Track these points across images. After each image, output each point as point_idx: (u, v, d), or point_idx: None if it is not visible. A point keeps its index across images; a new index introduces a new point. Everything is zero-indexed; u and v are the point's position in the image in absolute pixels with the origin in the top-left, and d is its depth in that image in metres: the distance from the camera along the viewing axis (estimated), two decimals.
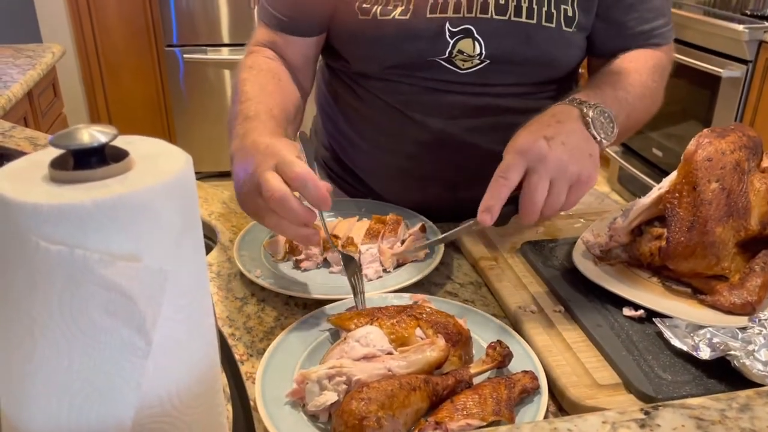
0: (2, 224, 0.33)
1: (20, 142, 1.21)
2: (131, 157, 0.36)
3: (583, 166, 0.70)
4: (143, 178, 0.35)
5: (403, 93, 0.91)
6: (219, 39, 3.11)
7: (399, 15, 0.85)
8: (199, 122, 3.25)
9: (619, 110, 0.78)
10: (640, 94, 0.85)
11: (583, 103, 0.75)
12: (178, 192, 0.36)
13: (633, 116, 0.84)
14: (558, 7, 0.85)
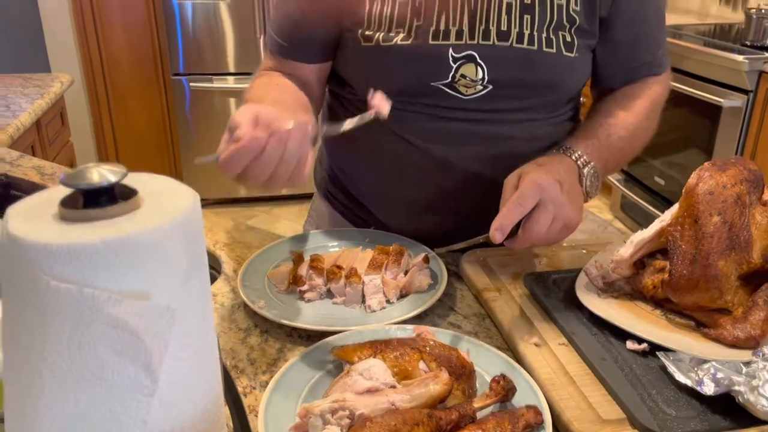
0: (14, 263, 0.33)
1: (28, 171, 1.22)
2: (140, 195, 0.37)
3: (575, 213, 0.80)
4: (152, 217, 0.35)
5: (407, 120, 0.92)
6: (225, 68, 3.15)
7: (401, 41, 0.87)
8: (205, 150, 3.28)
9: (608, 158, 0.89)
10: (631, 136, 0.92)
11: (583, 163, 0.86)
12: (186, 230, 0.36)
13: (623, 159, 0.94)
14: (557, 34, 0.87)
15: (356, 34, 0.88)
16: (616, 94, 0.95)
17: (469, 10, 0.86)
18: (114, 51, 3.19)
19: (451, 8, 0.86)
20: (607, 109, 0.93)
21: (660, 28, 0.95)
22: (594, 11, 0.88)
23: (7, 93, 1.76)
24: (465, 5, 0.86)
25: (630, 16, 0.90)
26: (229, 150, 0.66)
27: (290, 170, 0.67)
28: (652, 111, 0.94)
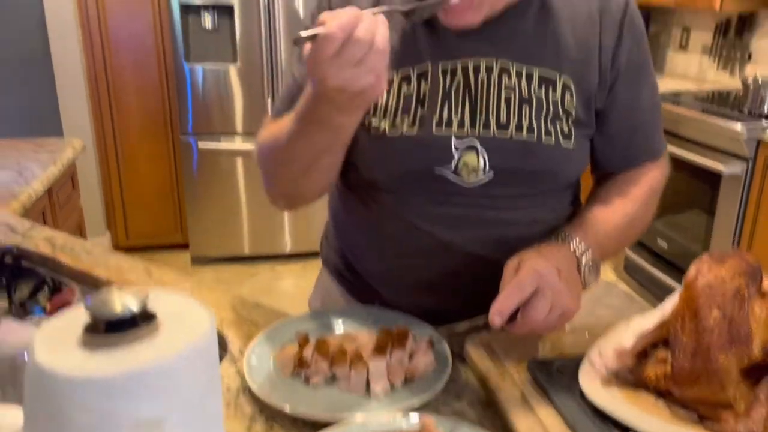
0: (37, 390, 0.35)
1: (39, 242, 1.24)
2: (159, 319, 0.39)
3: (572, 302, 0.82)
4: (170, 343, 0.37)
5: (412, 205, 0.95)
6: (233, 128, 3.22)
7: (406, 130, 0.90)
8: (210, 207, 3.32)
9: (608, 245, 0.92)
10: (629, 223, 0.95)
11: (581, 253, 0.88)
12: (203, 355, 0.38)
13: (622, 245, 0.97)
14: (555, 125, 0.90)
15: (363, 122, 0.92)
16: (615, 181, 0.98)
17: (470, 102, 0.89)
18: (126, 112, 3.27)
19: (453, 99, 0.89)
20: (605, 197, 0.96)
21: (655, 117, 0.99)
22: (590, 105, 0.91)
23: (20, 159, 1.80)
24: (466, 97, 0.89)
25: (625, 108, 0.94)
26: (331, 21, 0.67)
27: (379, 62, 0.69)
28: (650, 197, 0.97)
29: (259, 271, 3.38)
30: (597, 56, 0.91)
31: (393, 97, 0.90)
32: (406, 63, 0.90)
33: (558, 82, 0.90)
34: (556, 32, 0.89)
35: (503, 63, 0.89)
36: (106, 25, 3.13)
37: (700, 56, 3.57)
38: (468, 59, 0.89)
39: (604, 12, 0.90)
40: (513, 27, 0.89)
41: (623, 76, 0.92)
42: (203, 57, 3.12)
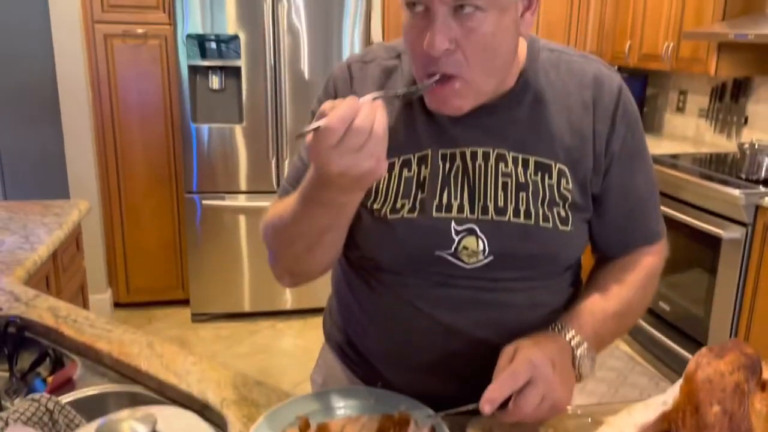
0: None
1: (42, 313, 1.25)
2: None
3: (564, 394, 0.83)
4: None
5: (414, 286, 0.96)
6: (237, 187, 3.26)
7: (407, 214, 0.92)
8: (212, 264, 3.33)
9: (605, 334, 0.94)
10: (626, 310, 0.97)
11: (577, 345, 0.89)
12: None
13: (620, 331, 0.99)
14: (552, 209, 0.92)
15: (366, 205, 0.94)
16: (612, 268, 0.99)
17: (468, 187, 0.91)
18: (131, 169, 3.32)
19: (452, 184, 0.92)
20: (603, 284, 0.97)
21: (652, 202, 1.00)
22: (586, 190, 0.93)
23: (27, 222, 1.82)
24: (465, 182, 0.92)
25: (620, 193, 0.95)
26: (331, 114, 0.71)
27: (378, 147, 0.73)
28: (647, 283, 0.99)
29: (260, 328, 3.36)
30: (591, 143, 0.93)
31: (394, 181, 0.93)
32: (407, 149, 0.93)
33: (554, 169, 0.92)
34: (551, 121, 0.92)
35: (500, 151, 0.91)
36: (116, 84, 3.21)
37: (697, 119, 3.63)
38: (466, 147, 0.92)
39: (597, 100, 0.93)
40: (508, 117, 0.92)
41: (617, 161, 0.94)
42: (209, 117, 3.18)
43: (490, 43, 0.82)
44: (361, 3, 3.14)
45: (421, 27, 0.81)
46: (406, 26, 0.85)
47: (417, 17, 0.82)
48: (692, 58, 3.15)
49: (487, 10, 0.80)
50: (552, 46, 0.97)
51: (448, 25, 0.79)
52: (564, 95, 0.93)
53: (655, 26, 3.43)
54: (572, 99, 0.93)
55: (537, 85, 0.93)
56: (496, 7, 0.80)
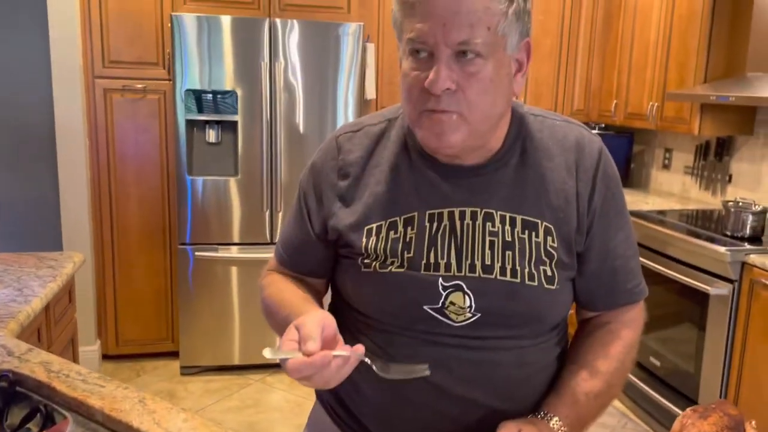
0: None
1: (35, 367, 1.25)
2: None
3: None
4: None
5: (402, 345, 0.98)
6: (230, 238, 3.28)
7: (395, 269, 0.95)
8: (203, 316, 3.32)
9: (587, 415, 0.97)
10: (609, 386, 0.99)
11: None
12: None
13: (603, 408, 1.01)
14: (538, 268, 0.95)
15: (357, 261, 0.98)
16: (593, 343, 1.02)
17: (456, 246, 0.95)
18: (125, 220, 3.34)
19: (439, 243, 0.95)
20: (584, 361, 1.00)
21: (634, 260, 1.04)
22: (571, 248, 0.97)
23: (21, 275, 1.83)
24: (452, 242, 0.95)
25: (603, 250, 0.99)
26: (301, 362, 0.80)
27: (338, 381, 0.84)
28: (627, 356, 1.02)
29: (249, 381, 3.33)
30: (575, 203, 0.97)
31: (381, 243, 0.96)
32: (394, 212, 0.97)
33: (540, 227, 0.96)
34: (536, 182, 0.97)
35: (487, 210, 0.95)
36: (113, 136, 3.26)
37: (682, 176, 3.72)
38: (453, 207, 0.96)
39: (580, 163, 0.98)
40: (494, 177, 0.96)
41: (599, 220, 0.98)
42: (205, 169, 3.23)
43: (489, 88, 0.88)
44: (356, 60, 3.23)
45: (423, 70, 0.87)
46: (406, 71, 0.90)
47: (420, 62, 0.87)
48: (676, 118, 3.25)
49: (487, 58, 0.86)
50: (535, 111, 1.02)
51: (450, 67, 0.85)
52: (548, 158, 0.98)
53: (640, 87, 3.54)
54: (556, 161, 0.97)
55: (522, 148, 0.97)
56: (495, 57, 0.87)
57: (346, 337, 1.06)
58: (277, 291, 1.06)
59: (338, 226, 1.00)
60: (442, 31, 0.84)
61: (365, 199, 0.99)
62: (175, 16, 3.04)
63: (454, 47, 0.84)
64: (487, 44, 0.85)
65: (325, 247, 1.04)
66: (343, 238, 1.00)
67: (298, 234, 1.07)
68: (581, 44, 3.92)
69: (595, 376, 0.97)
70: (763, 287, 2.33)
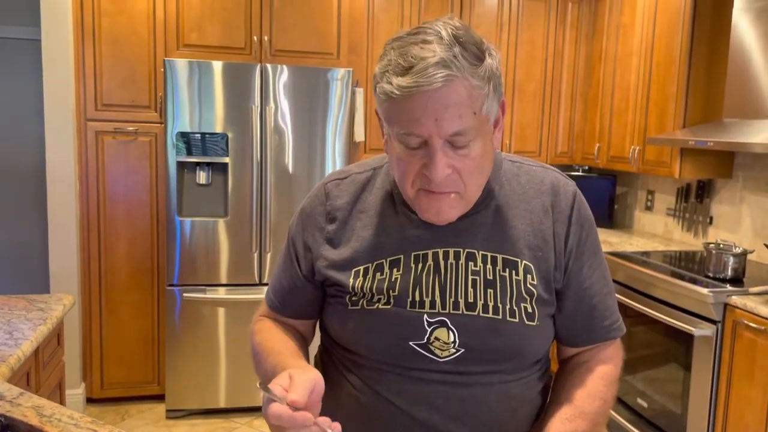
0: None
1: (26, 411, 1.25)
2: None
3: None
4: None
5: (390, 382, 1.01)
6: (218, 279, 3.28)
7: (382, 306, 0.99)
8: (189, 358, 3.29)
9: None
10: (592, 423, 1.01)
11: None
12: None
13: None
14: (519, 305, 0.99)
15: (344, 299, 1.03)
16: (575, 382, 1.05)
17: (440, 284, 0.99)
18: (114, 262, 3.34)
19: (424, 283, 0.99)
20: (567, 399, 1.03)
21: (611, 297, 1.09)
22: (550, 285, 1.02)
23: (11, 318, 1.83)
24: (436, 280, 0.99)
25: (581, 287, 1.04)
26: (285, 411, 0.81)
27: None
28: (608, 393, 1.05)
29: (235, 425, 3.29)
30: (552, 242, 1.03)
31: (368, 283, 1.01)
32: (380, 255, 1.02)
33: (520, 265, 1.01)
34: (514, 223, 1.02)
35: (469, 250, 1.00)
36: (104, 178, 3.28)
37: (665, 217, 3.79)
38: (438, 248, 1.00)
39: (555, 205, 1.04)
40: (475, 220, 1.02)
41: (574, 261, 1.04)
42: (195, 210, 3.25)
43: (480, 163, 0.94)
44: (345, 104, 3.31)
45: (418, 155, 0.92)
46: (400, 155, 0.94)
47: (413, 150, 0.92)
48: (657, 161, 3.33)
49: (476, 138, 0.92)
50: (513, 158, 1.09)
51: (445, 153, 0.90)
52: (525, 201, 1.04)
53: (622, 131, 3.64)
54: (533, 204, 1.03)
55: (501, 192, 1.04)
56: (482, 134, 0.92)
57: (335, 374, 1.09)
58: (267, 339, 1.09)
59: (325, 268, 1.05)
60: (435, 126, 0.88)
61: (352, 243, 1.04)
62: (168, 61, 3.10)
63: (446, 138, 0.89)
64: (475, 128, 0.90)
65: (314, 288, 1.09)
66: (331, 279, 1.04)
67: (287, 278, 1.12)
68: (564, 89, 4.03)
69: (579, 416, 1.00)
70: (745, 328, 2.37)
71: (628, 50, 3.59)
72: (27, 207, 3.20)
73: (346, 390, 1.07)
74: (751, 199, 3.14)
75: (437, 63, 0.85)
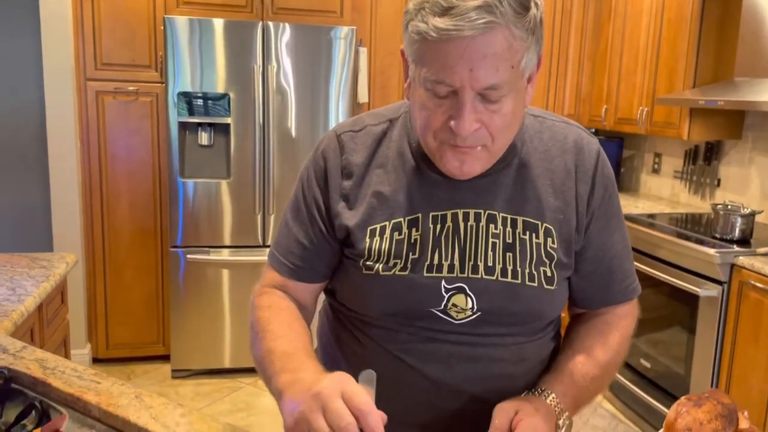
0: None
1: (30, 364, 1.25)
2: None
3: None
4: None
5: (402, 341, 0.98)
6: (221, 241, 3.28)
7: (399, 271, 0.95)
8: (194, 319, 3.31)
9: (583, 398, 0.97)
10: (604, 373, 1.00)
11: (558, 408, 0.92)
12: None
13: (596, 393, 1.00)
14: (538, 269, 0.96)
15: (358, 263, 0.98)
16: (590, 329, 1.03)
17: (459, 248, 0.95)
18: (117, 222, 3.33)
19: (443, 245, 0.95)
20: (581, 346, 1.01)
21: (628, 260, 1.06)
22: (570, 248, 0.98)
23: (13, 274, 1.82)
24: (456, 243, 0.95)
25: (600, 249, 1.01)
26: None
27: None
28: (622, 345, 1.03)
29: (241, 385, 3.32)
30: (574, 204, 0.98)
31: (385, 243, 0.96)
32: (398, 213, 0.97)
33: (540, 228, 0.97)
34: (536, 183, 0.98)
35: (490, 212, 0.96)
36: (105, 139, 3.25)
37: (672, 180, 3.75)
38: (457, 209, 0.96)
39: (579, 164, 0.99)
40: (497, 179, 0.97)
41: (596, 220, 1.00)
42: (197, 172, 3.22)
43: (511, 120, 0.88)
44: (348, 64, 3.25)
45: (445, 105, 0.85)
46: (424, 102, 0.87)
47: (440, 98, 0.85)
48: (666, 123, 3.28)
49: (509, 94, 0.85)
50: (535, 112, 1.03)
51: (475, 107, 0.84)
52: (547, 159, 0.99)
53: (630, 92, 3.58)
54: (555, 163, 0.99)
55: (523, 150, 0.98)
56: (516, 90, 0.86)
57: (342, 332, 1.07)
58: (277, 326, 0.98)
59: (341, 228, 0.99)
60: (469, 77, 0.81)
61: (368, 200, 0.98)
62: (167, 18, 3.05)
63: (479, 90, 0.83)
64: (510, 83, 0.84)
65: (334, 247, 1.02)
66: (346, 240, 0.99)
67: (306, 237, 1.02)
68: (572, 49, 3.96)
69: (592, 361, 0.98)
70: (752, 288, 2.36)
71: (638, 9, 3.50)
72: (29, 168, 3.17)
73: (352, 348, 1.04)
74: (760, 160, 3.10)
75: (480, 7, 0.78)
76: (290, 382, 0.83)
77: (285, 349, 0.91)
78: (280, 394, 0.84)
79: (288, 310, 1.00)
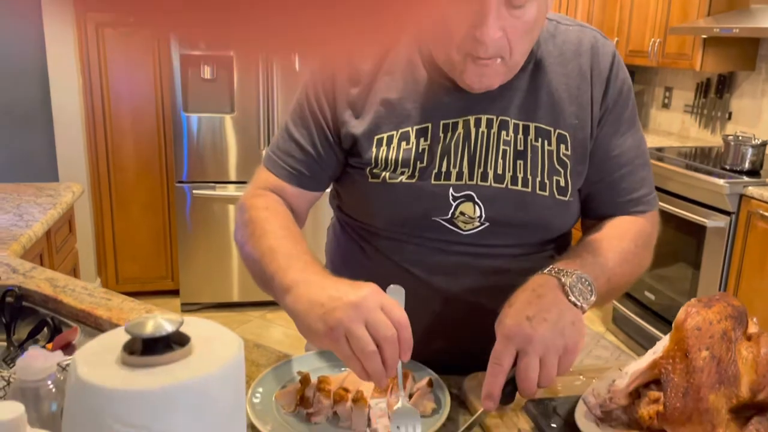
0: (81, 404, 0.37)
1: (40, 283, 1.26)
2: (192, 343, 0.41)
3: (568, 336, 0.79)
4: (203, 365, 0.40)
5: (409, 252, 0.98)
6: (226, 176, 3.27)
7: (406, 179, 0.94)
8: (202, 254, 3.33)
9: (598, 274, 0.87)
10: (620, 260, 0.92)
11: (561, 272, 0.85)
12: (232, 377, 0.40)
13: (615, 280, 0.91)
14: (551, 178, 0.94)
15: (365, 172, 0.96)
16: (605, 222, 0.99)
17: (469, 155, 0.93)
18: (122, 160, 3.32)
19: (452, 152, 0.93)
20: (595, 233, 0.97)
21: (645, 170, 1.01)
22: (585, 155, 0.95)
23: (20, 202, 1.82)
24: (465, 150, 0.94)
25: (610, 150, 0.97)
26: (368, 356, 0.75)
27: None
28: (641, 239, 0.98)
29: (249, 318, 3.37)
30: (589, 109, 0.95)
31: (392, 153, 0.94)
32: (405, 123, 0.94)
33: (553, 135, 0.94)
34: (550, 88, 0.95)
35: (503, 117, 0.94)
36: (107, 72, 3.21)
37: (682, 114, 3.69)
38: (470, 115, 0.94)
39: (594, 67, 0.96)
40: (510, 84, 0.93)
41: (606, 125, 0.96)
42: (201, 107, 3.18)
43: (532, 29, 0.85)
44: None
45: (468, 11, 0.82)
46: (444, 10, 0.84)
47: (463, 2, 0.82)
48: (678, 54, 3.21)
49: (534, 0, 0.82)
50: (550, 15, 0.99)
51: (500, 14, 0.81)
52: (561, 64, 0.96)
53: (642, 23, 3.48)
54: (570, 67, 0.95)
55: (537, 54, 0.95)
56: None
57: (347, 242, 1.06)
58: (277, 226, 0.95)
59: (348, 136, 0.96)
60: None
61: (376, 107, 0.95)
62: None
63: None
64: None
65: (335, 157, 0.99)
66: (352, 149, 0.97)
67: (311, 144, 0.99)
68: None
69: (602, 252, 0.92)
70: (760, 218, 2.35)
71: None
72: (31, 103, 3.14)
73: (360, 261, 1.04)
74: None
75: None
76: (300, 282, 0.82)
77: (288, 250, 0.89)
78: (287, 290, 0.83)
79: (285, 215, 0.97)
